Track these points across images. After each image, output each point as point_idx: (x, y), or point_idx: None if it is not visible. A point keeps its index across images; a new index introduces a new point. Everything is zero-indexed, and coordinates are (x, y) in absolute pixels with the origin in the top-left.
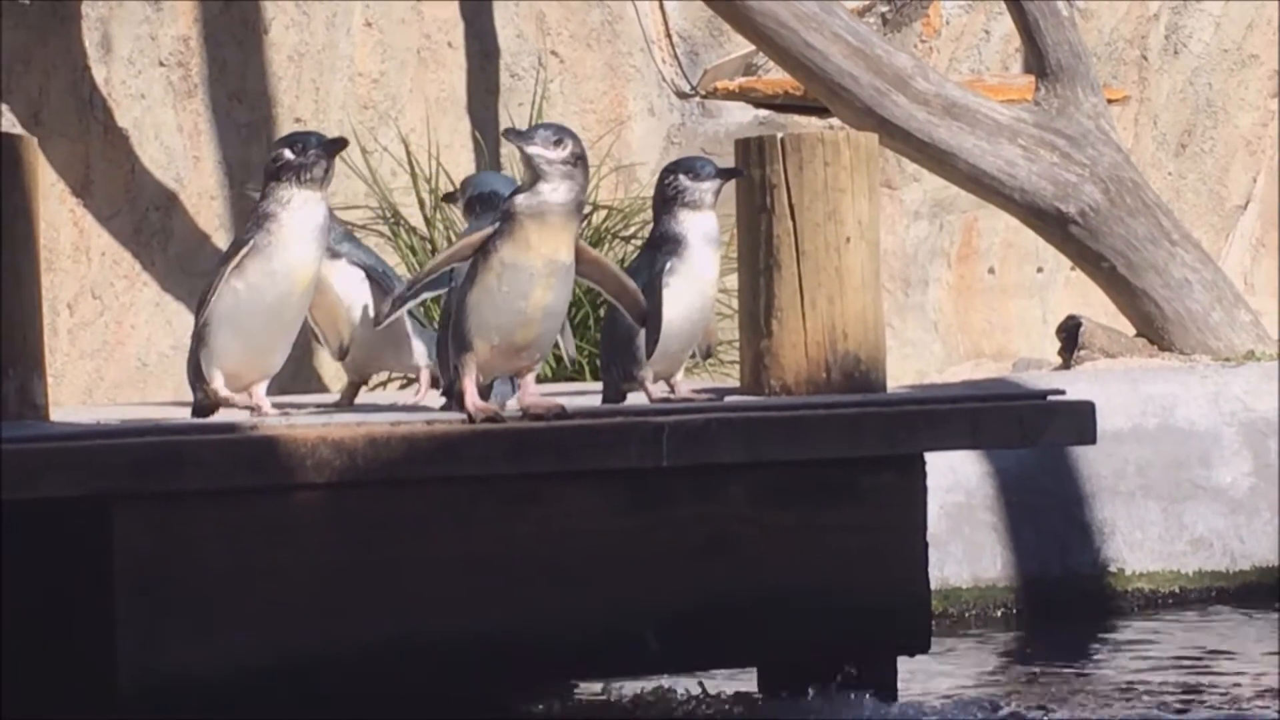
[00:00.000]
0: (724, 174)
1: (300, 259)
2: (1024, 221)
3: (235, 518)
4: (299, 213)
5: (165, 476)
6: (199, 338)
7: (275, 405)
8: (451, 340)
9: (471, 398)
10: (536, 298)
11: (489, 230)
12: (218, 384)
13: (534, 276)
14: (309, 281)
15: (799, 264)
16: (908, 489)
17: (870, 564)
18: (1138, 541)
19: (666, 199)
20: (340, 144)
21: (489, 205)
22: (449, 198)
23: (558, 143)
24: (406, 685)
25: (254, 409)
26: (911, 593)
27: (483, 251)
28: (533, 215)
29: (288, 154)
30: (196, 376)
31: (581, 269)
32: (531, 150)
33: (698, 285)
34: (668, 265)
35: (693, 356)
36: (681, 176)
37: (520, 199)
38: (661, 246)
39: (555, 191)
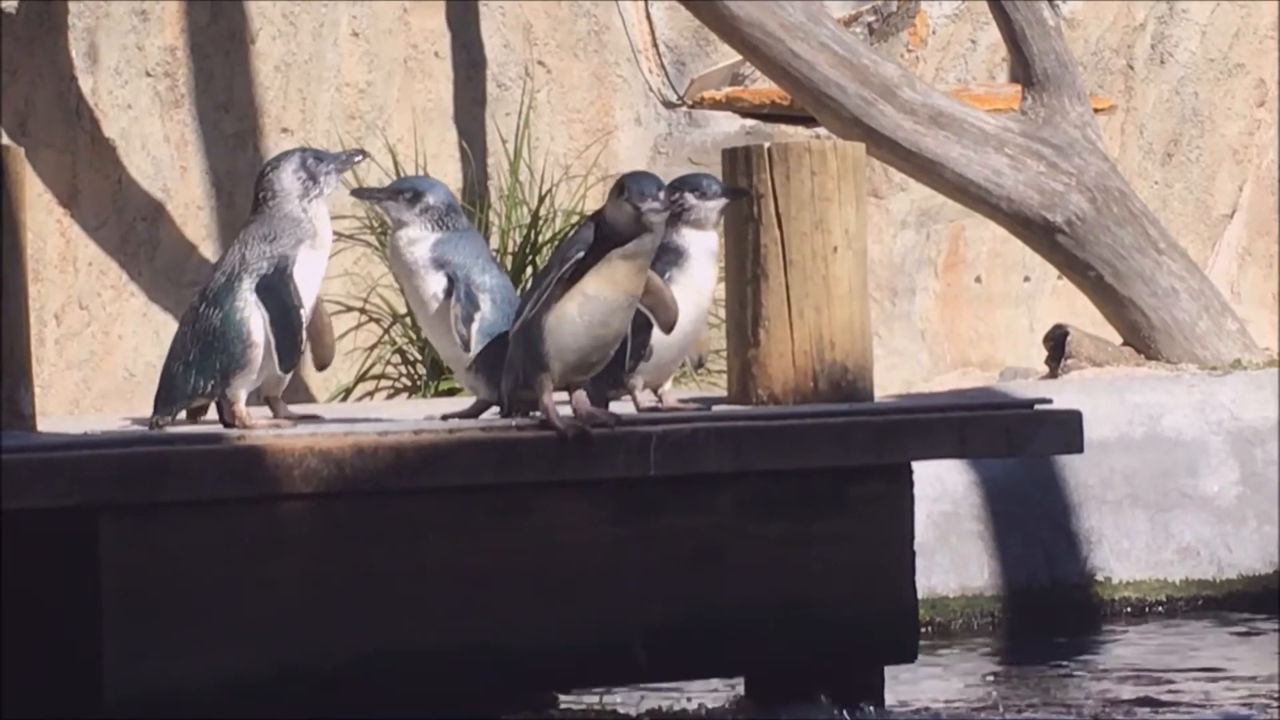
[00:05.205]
0: (730, 194)
1: None
2: (1011, 230)
3: (222, 528)
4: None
5: (152, 487)
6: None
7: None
8: (526, 358)
9: (557, 414)
10: (615, 326)
11: (576, 257)
12: (241, 406)
13: (615, 310)
14: None
15: (786, 273)
16: (895, 499)
17: (857, 573)
18: (1124, 551)
19: (671, 215)
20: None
21: (445, 215)
22: (367, 193)
23: (659, 196)
24: (393, 696)
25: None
26: (899, 602)
27: (562, 279)
28: (627, 256)
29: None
30: (189, 395)
31: None
32: (646, 206)
33: (695, 297)
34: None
35: (682, 366)
36: (688, 195)
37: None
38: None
39: (654, 238)
